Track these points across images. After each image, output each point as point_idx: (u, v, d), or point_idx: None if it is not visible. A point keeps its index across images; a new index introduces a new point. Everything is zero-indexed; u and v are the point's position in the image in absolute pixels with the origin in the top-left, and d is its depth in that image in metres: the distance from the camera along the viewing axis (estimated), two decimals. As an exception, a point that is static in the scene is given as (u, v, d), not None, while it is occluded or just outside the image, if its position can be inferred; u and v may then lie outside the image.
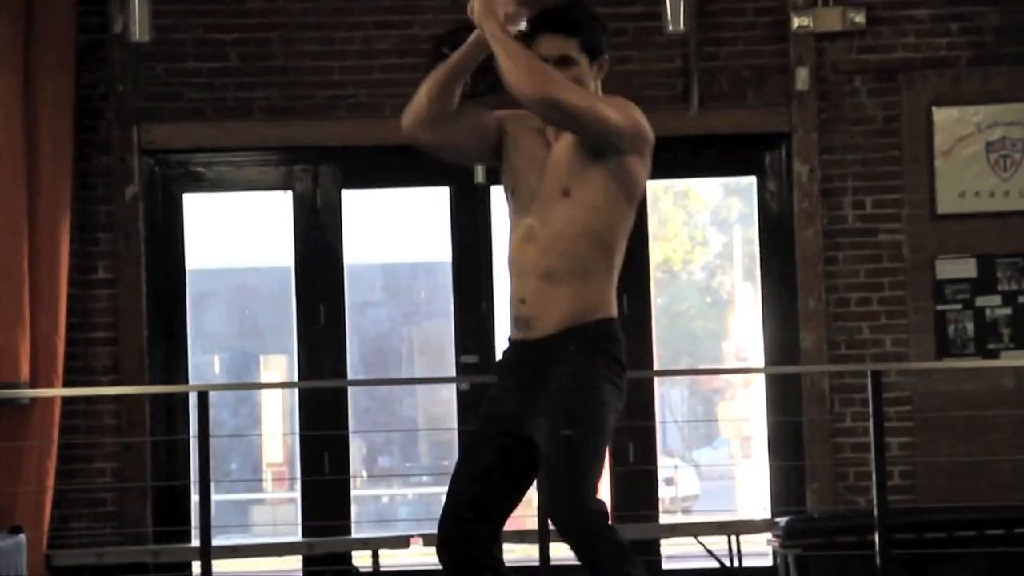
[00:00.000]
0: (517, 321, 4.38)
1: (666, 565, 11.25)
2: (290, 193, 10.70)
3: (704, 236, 13.61)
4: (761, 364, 11.00)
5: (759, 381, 11.39)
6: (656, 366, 11.70)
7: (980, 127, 10.20)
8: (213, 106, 10.33)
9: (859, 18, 10.02)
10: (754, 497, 12.33)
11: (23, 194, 9.88)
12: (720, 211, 13.30)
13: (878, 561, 9.20)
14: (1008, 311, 10.18)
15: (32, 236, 9.87)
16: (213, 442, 9.60)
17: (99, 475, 10.24)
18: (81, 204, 10.11)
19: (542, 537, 8.89)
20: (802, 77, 10.15)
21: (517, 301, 4.35)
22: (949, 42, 10.27)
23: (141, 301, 10.29)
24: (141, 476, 10.25)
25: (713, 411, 14.93)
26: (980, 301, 10.17)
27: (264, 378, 12.66)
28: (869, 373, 9.24)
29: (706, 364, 14.28)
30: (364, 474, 12.61)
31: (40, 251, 9.93)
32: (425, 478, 13.75)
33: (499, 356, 4.65)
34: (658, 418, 12.06)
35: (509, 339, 4.49)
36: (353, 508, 11.23)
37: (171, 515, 10.30)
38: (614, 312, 4.34)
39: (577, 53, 4.26)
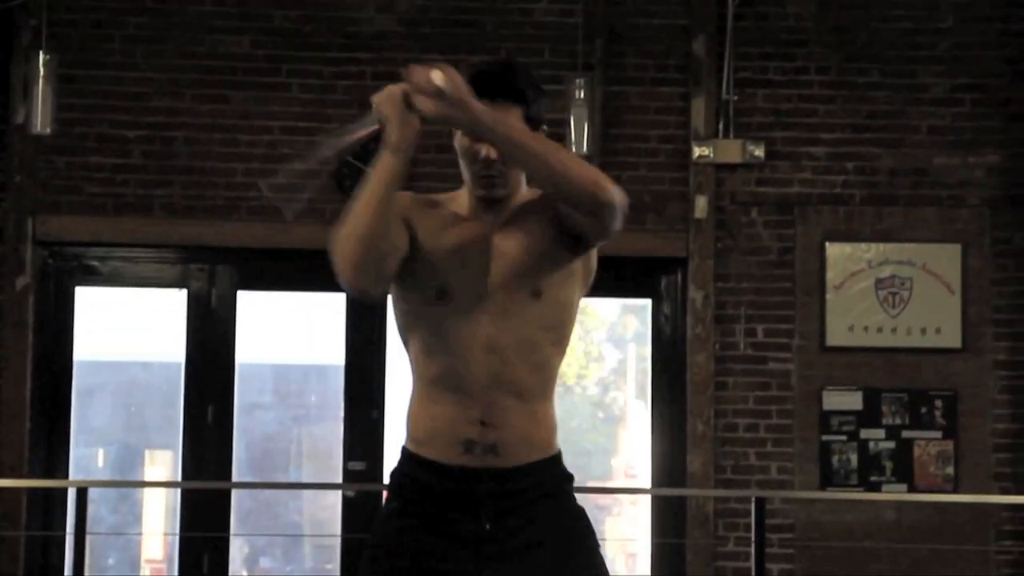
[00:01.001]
0: (469, 445, 3.51)
1: None
2: (185, 291, 10.36)
3: (599, 352, 13.35)
4: (648, 483, 10.75)
5: (646, 500, 11.07)
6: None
7: (871, 264, 10.12)
8: (113, 201, 10.01)
9: (758, 151, 9.96)
10: None
11: None
12: (616, 328, 12.95)
13: None
14: (891, 445, 10.05)
15: None
16: (91, 537, 9.16)
17: None
18: None
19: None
20: (700, 205, 10.07)
21: (472, 422, 3.53)
22: (844, 180, 10.20)
23: (25, 392, 9.89)
24: (14, 571, 9.85)
25: (601, 527, 14.44)
26: (864, 433, 10.06)
27: (149, 474, 12.12)
28: (753, 499, 9.02)
29: (596, 479, 13.93)
30: (244, 575, 12.13)
31: None
32: None
33: (394, 476, 3.68)
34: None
35: (437, 463, 3.54)
36: None
37: None
38: None
39: (520, 124, 3.53)
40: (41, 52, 9.15)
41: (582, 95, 9.58)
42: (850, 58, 10.24)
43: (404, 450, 3.59)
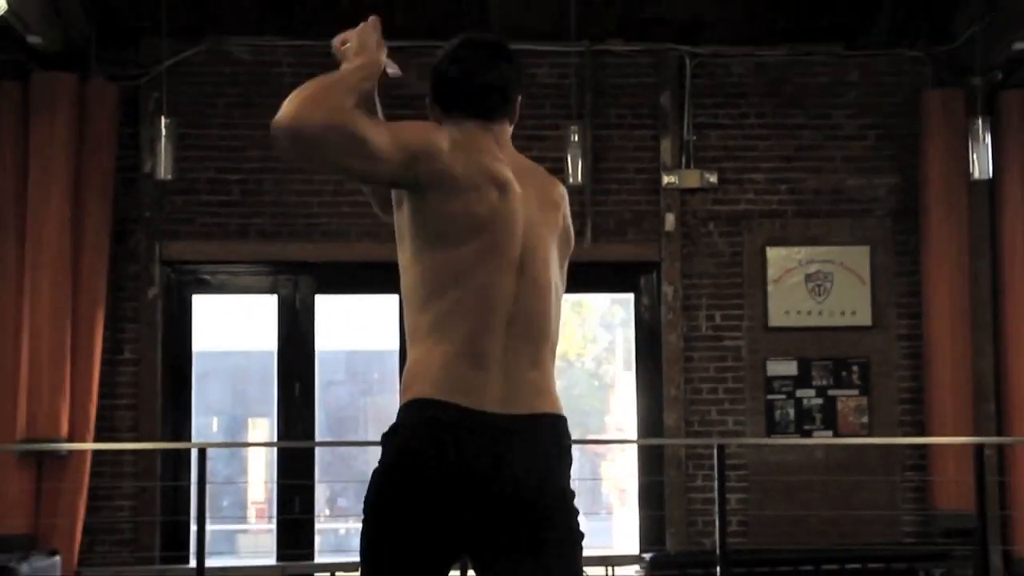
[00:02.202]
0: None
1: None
2: (275, 296, 11.11)
3: (594, 335, 13.86)
4: (634, 435, 11.44)
5: (632, 448, 11.81)
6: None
7: (801, 263, 10.80)
8: (219, 229, 10.74)
9: (713, 178, 10.68)
10: (626, 537, 12.35)
11: (68, 293, 10.16)
12: (606, 316, 13.45)
13: None
14: (820, 401, 10.81)
15: (74, 325, 10.17)
16: (209, 486, 10.02)
17: (119, 510, 10.57)
18: (113, 301, 10.46)
19: None
20: (670, 220, 10.74)
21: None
22: (779, 199, 10.88)
23: (157, 376, 10.65)
24: (152, 511, 10.58)
25: (597, 470, 15.00)
26: (799, 393, 10.83)
27: (251, 436, 12.71)
28: (715, 446, 9.81)
29: (593, 433, 14.36)
30: (327, 512, 12.55)
31: (79, 336, 10.16)
32: None
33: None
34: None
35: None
36: (317, 539, 11.42)
37: (174, 542, 10.67)
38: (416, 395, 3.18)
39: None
40: (163, 116, 9.90)
41: (576, 138, 10.23)
42: (781, 105, 10.94)
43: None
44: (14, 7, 8.79)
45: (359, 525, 3.42)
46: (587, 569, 11.07)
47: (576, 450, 3.44)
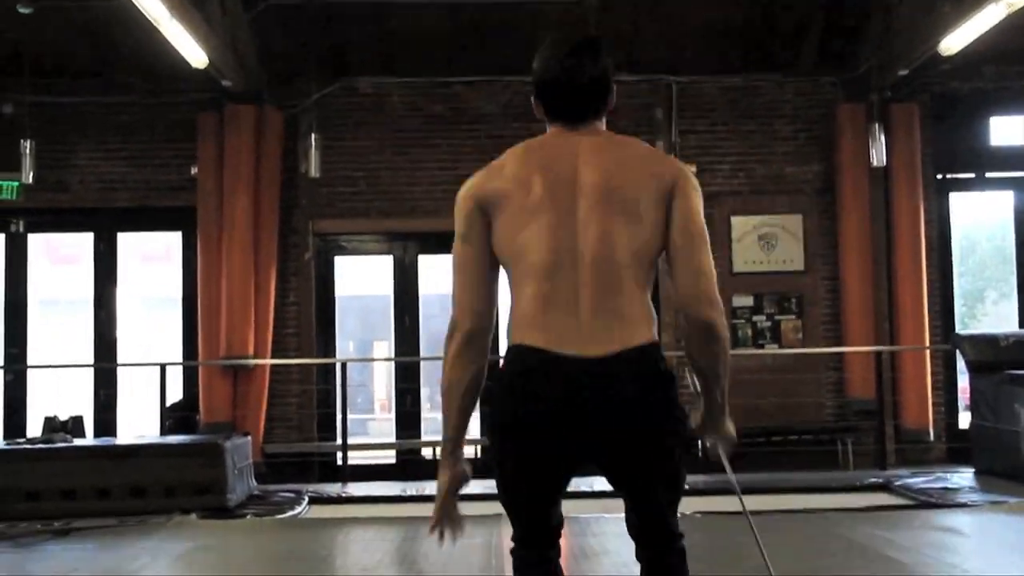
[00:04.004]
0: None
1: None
2: (391, 256, 11.98)
3: None
4: None
5: None
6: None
7: (756, 228, 11.72)
8: (350, 210, 11.63)
9: (693, 168, 8.33)
10: None
11: (251, 257, 11.11)
12: None
13: (699, 455, 9.05)
14: (769, 323, 11.70)
15: (256, 279, 11.12)
16: (349, 388, 11.12)
17: (288, 405, 11.47)
18: (282, 262, 11.36)
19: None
20: None
21: None
22: (739, 183, 11.75)
23: (311, 313, 11.58)
24: (310, 406, 11.47)
25: None
26: (755, 318, 11.71)
27: (376, 352, 12.99)
28: None
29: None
30: (428, 405, 12.67)
31: (259, 287, 11.14)
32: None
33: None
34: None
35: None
36: (423, 424, 11.93)
37: (326, 427, 11.47)
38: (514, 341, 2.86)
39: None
40: (313, 133, 10.97)
41: None
42: (738, 117, 11.78)
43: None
44: (214, 61, 9.79)
45: None
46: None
47: None
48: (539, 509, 2.97)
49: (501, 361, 2.90)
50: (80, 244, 11.96)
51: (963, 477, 9.77)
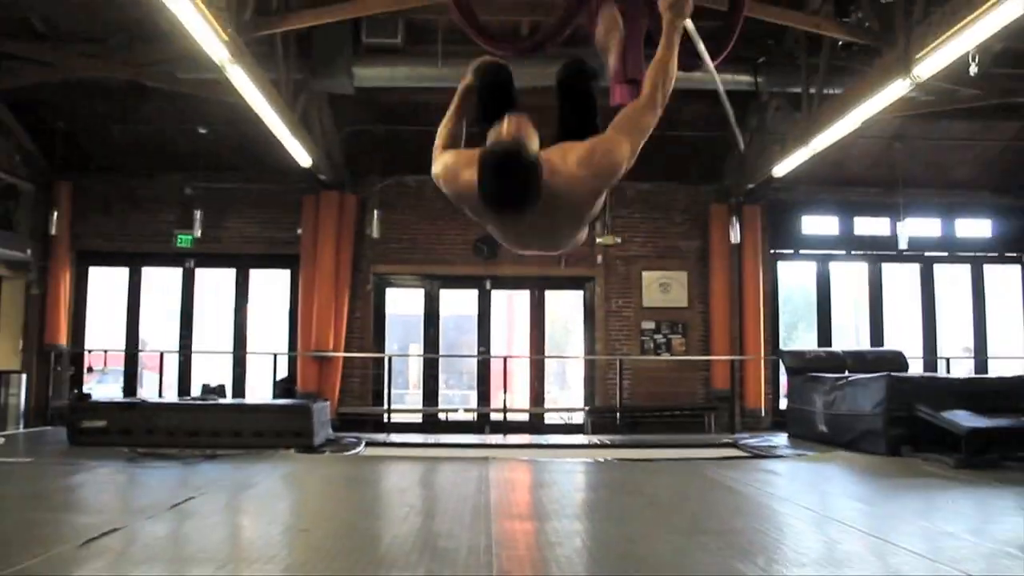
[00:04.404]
0: None
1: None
2: (422, 290, 11.53)
3: (563, 310, 12.56)
4: (583, 355, 11.48)
5: (581, 361, 11.64)
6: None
7: (657, 279, 11.47)
8: (399, 259, 11.33)
9: (619, 240, 10.96)
10: (578, 399, 11.63)
11: (332, 290, 10.90)
12: (570, 300, 12.03)
13: (617, 422, 10.53)
14: (664, 340, 11.35)
15: (335, 301, 10.88)
16: (392, 375, 11.07)
17: (354, 382, 11.16)
18: (352, 290, 11.10)
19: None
20: (599, 258, 11.27)
21: None
22: (647, 251, 11.39)
23: (370, 325, 11.30)
24: (367, 384, 11.19)
25: (566, 372, 13.54)
26: (655, 336, 11.39)
27: (412, 350, 11.95)
28: (618, 359, 10.88)
29: (565, 354, 13.24)
30: (444, 386, 12.14)
31: (338, 306, 10.63)
32: (465, 389, 12.62)
33: None
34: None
35: None
36: (440, 399, 11.69)
37: (377, 398, 11.15)
38: None
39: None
40: (375, 211, 10.94)
41: None
42: (649, 210, 11.29)
43: None
44: (315, 163, 9.71)
45: (460, 392, 3.08)
46: (555, 416, 10.94)
47: (554, 363, 2.34)
48: None
49: None
50: (227, 277, 11.85)
51: (781, 439, 9.64)
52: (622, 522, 4.77)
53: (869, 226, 11.84)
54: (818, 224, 11.97)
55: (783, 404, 10.96)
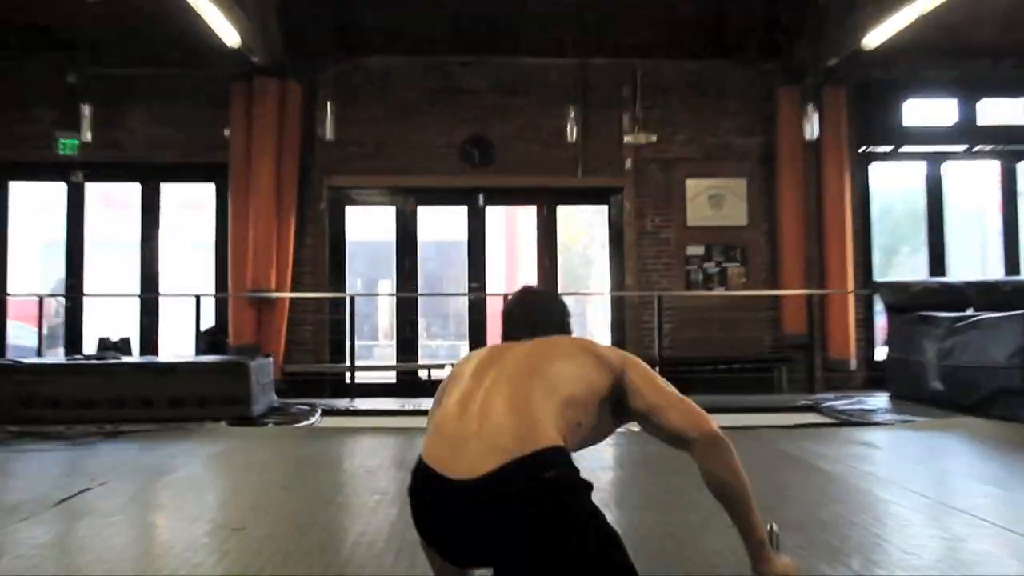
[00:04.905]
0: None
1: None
2: (393, 207, 11.78)
3: (584, 231, 13.79)
4: (608, 290, 11.86)
5: (607, 298, 12.07)
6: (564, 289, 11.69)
7: (706, 189, 11.57)
8: (361, 168, 11.43)
9: (654, 138, 11.27)
10: None
11: (274, 207, 10.97)
12: (591, 219, 13.35)
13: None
14: (717, 270, 11.57)
15: (278, 225, 10.99)
16: (356, 317, 10.99)
17: (304, 332, 11.35)
18: (300, 210, 11.23)
19: None
20: (628, 163, 11.52)
21: None
22: (692, 150, 11.58)
23: (324, 254, 11.41)
24: (323, 333, 11.34)
25: (585, 311, 14.16)
26: (705, 265, 11.59)
27: (381, 288, 12.55)
28: (656, 296, 10.91)
29: (582, 290, 14.17)
30: (425, 334, 12.61)
31: (281, 231, 11.02)
32: (453, 339, 13.35)
33: None
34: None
35: None
36: (420, 350, 11.89)
37: (336, 351, 11.33)
38: None
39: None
40: (328, 103, 10.90)
41: (573, 114, 11.05)
42: (694, 96, 11.64)
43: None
44: (245, 41, 9.77)
45: (446, 342, 3.07)
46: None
47: (570, 302, 2.89)
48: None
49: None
50: (129, 193, 11.86)
51: (879, 400, 9.78)
52: (662, 511, 4.85)
53: (999, 113, 11.95)
54: (927, 111, 12.10)
55: (880, 354, 11.33)
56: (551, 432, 2.34)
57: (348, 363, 11.03)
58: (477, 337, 11.65)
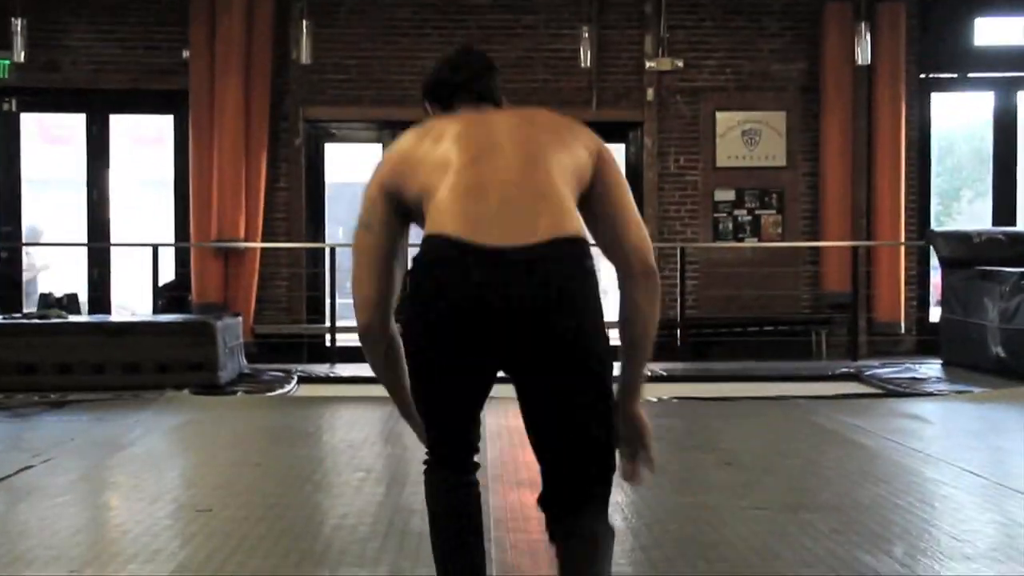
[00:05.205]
0: None
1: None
2: (380, 144, 11.81)
3: None
4: None
5: None
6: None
7: (740, 123, 11.73)
8: (343, 98, 11.55)
9: (680, 63, 11.51)
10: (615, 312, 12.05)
11: (242, 143, 11.12)
12: None
13: (678, 343, 10.96)
14: (750, 218, 11.80)
15: (247, 164, 11.15)
16: (336, 271, 11.22)
17: (278, 288, 11.62)
18: (272, 147, 11.34)
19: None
20: (650, 94, 11.61)
21: None
22: (724, 79, 11.72)
23: (301, 199, 11.64)
24: (299, 289, 11.61)
25: (599, 265, 15.15)
26: (736, 212, 11.82)
27: None
28: (679, 248, 11.10)
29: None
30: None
31: (250, 172, 11.18)
32: None
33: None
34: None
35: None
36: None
37: (314, 309, 11.65)
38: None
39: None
40: (304, 21, 10.83)
41: (587, 35, 11.16)
42: (726, 13, 11.68)
43: None
44: None
45: None
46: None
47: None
48: (458, 420, 2.67)
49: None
50: (72, 125, 11.90)
51: (931, 368, 9.90)
52: (686, 490, 4.96)
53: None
54: (1002, 31, 12.01)
55: (935, 315, 11.48)
56: (578, 224, 2.55)
57: (328, 324, 11.24)
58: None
